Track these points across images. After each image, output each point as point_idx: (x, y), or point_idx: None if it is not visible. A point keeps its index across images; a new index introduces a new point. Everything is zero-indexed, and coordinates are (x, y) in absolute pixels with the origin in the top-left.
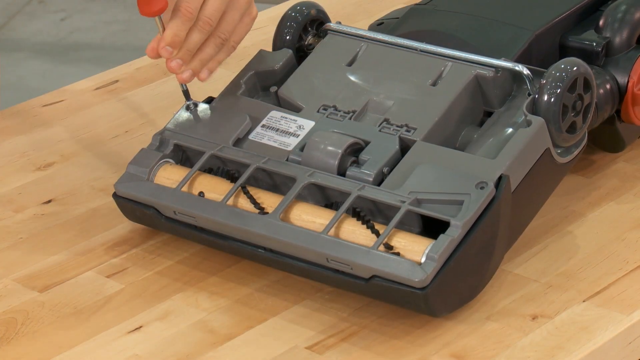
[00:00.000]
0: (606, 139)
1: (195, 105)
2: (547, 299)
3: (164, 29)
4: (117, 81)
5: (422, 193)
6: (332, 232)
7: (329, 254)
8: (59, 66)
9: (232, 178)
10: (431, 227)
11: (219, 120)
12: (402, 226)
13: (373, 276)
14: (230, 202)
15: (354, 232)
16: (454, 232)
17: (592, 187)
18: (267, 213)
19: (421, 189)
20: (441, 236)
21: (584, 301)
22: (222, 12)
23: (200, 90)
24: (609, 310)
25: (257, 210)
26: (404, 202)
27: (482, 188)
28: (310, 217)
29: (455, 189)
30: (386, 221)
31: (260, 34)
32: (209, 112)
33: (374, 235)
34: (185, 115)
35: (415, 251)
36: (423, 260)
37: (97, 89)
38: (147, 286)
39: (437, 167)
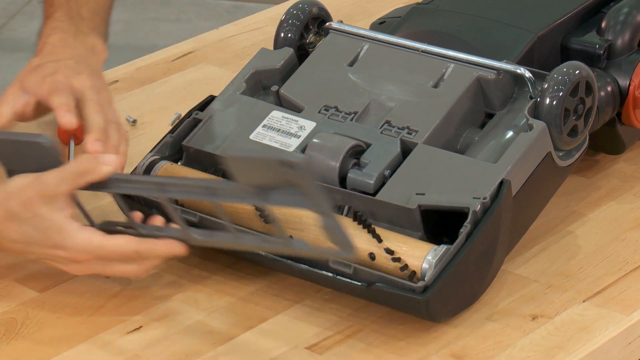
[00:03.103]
0: (606, 141)
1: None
2: (547, 299)
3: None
4: (117, 81)
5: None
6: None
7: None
8: None
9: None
10: (433, 232)
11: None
12: (404, 230)
13: (374, 282)
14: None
15: (355, 236)
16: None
17: (593, 187)
18: (268, 216)
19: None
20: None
21: (584, 301)
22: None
23: (201, 89)
24: (609, 310)
25: (258, 213)
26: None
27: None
28: (311, 220)
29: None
30: (388, 223)
31: (260, 34)
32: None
33: (374, 240)
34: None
35: (416, 257)
36: (424, 266)
37: None
38: (147, 286)
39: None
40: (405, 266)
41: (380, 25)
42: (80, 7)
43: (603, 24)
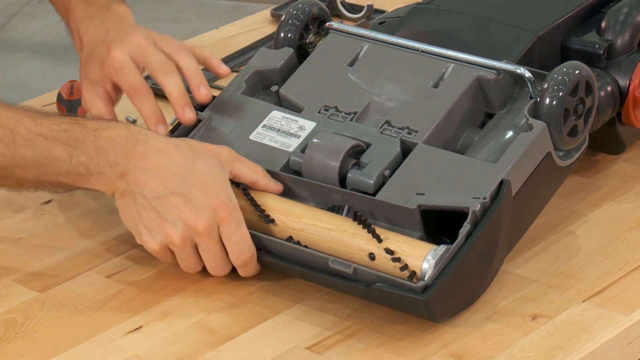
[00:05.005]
0: (606, 141)
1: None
2: (547, 299)
3: None
4: None
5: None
6: (333, 235)
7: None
8: (59, 66)
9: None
10: (433, 232)
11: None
12: (404, 230)
13: (374, 282)
14: None
15: (355, 236)
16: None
17: (593, 187)
18: (268, 216)
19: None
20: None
21: (584, 301)
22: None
23: None
24: (609, 310)
25: (258, 213)
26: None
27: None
28: (310, 221)
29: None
30: (388, 223)
31: (260, 33)
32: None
33: (374, 240)
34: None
35: (416, 257)
36: (424, 266)
37: None
38: (147, 286)
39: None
40: (405, 266)
41: (380, 25)
42: None
43: (603, 24)
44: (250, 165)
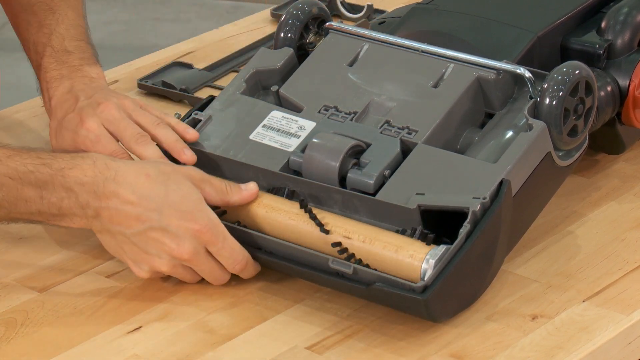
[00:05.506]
0: (606, 141)
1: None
2: (547, 299)
3: None
4: (117, 81)
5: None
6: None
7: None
8: None
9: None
10: (433, 232)
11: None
12: (403, 230)
13: (374, 282)
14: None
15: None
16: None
17: (593, 187)
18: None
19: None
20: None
21: (583, 301)
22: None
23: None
24: (609, 310)
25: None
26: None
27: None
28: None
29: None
30: (388, 223)
31: (260, 33)
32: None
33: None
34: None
35: (415, 257)
36: (424, 266)
37: None
38: (147, 286)
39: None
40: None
41: (380, 25)
42: (63, 41)
43: (603, 24)
44: (218, 185)
